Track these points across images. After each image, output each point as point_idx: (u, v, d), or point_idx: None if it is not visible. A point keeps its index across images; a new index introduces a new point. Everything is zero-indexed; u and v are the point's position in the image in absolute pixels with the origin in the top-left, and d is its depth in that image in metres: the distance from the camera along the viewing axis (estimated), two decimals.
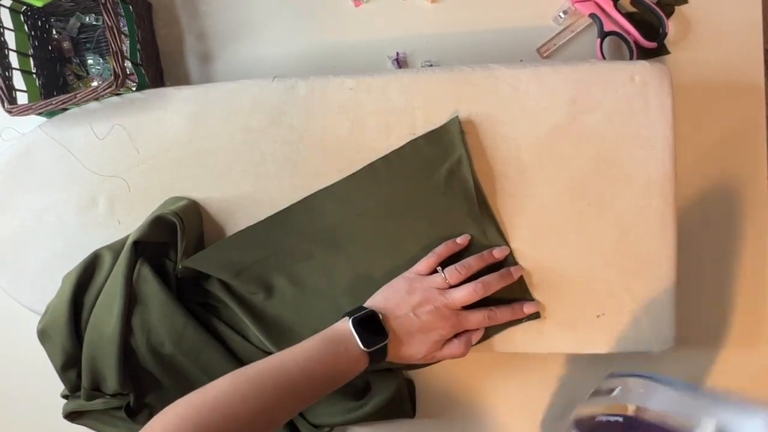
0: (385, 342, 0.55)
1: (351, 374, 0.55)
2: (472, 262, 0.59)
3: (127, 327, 0.62)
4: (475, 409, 0.70)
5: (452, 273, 0.58)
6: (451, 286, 0.58)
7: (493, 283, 0.59)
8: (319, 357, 0.53)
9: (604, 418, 0.55)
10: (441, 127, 0.61)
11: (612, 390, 0.57)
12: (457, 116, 0.61)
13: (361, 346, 0.54)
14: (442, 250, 0.60)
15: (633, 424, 0.53)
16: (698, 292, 0.68)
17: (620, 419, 0.54)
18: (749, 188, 0.68)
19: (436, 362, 0.61)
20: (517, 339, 0.62)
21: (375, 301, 0.59)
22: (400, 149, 0.62)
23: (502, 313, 0.59)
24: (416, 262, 0.61)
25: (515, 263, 0.61)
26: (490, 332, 0.62)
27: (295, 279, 0.63)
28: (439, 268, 0.59)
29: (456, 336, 0.59)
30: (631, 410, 0.53)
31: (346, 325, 0.55)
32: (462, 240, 0.61)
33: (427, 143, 0.62)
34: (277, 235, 0.64)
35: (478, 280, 0.58)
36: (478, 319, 0.58)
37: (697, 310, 0.68)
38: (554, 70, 0.61)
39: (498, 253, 0.60)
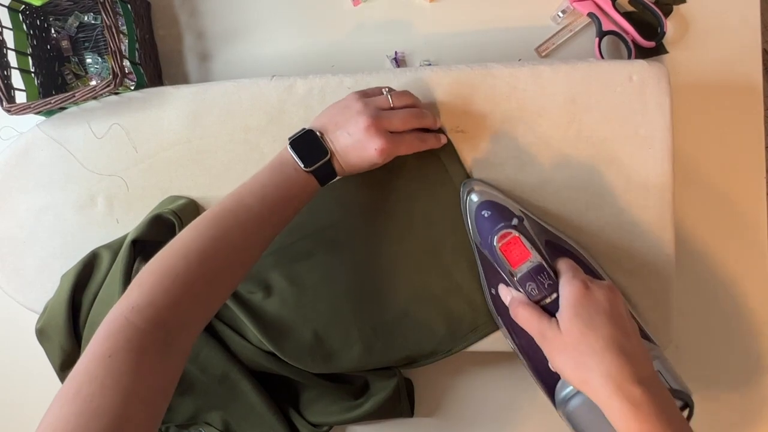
0: (326, 158, 0.54)
1: (304, 196, 0.55)
2: (414, 98, 0.59)
3: None
4: (473, 408, 0.70)
5: (396, 95, 0.58)
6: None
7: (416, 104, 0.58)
8: (273, 184, 0.54)
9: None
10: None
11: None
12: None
13: (303, 167, 0.54)
14: (381, 88, 0.59)
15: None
16: (697, 292, 0.68)
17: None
18: (748, 187, 0.68)
19: (394, 155, 0.57)
20: None
21: (317, 120, 0.58)
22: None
23: (416, 104, 0.58)
24: (414, 262, 0.62)
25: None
26: (475, 335, 0.62)
27: (293, 278, 0.63)
28: (385, 90, 0.58)
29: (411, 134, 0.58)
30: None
31: (287, 149, 0.55)
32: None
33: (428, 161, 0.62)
34: None
35: None
36: (400, 112, 0.56)
37: (697, 310, 0.68)
38: (553, 69, 0.61)
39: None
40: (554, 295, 0.50)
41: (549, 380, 0.55)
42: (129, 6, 0.69)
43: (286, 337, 0.62)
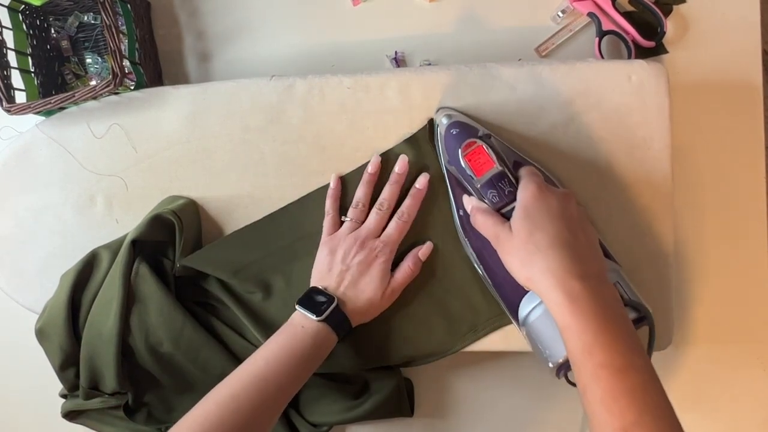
0: (334, 304, 0.56)
1: (321, 351, 0.56)
2: (365, 191, 0.61)
3: (126, 326, 0.62)
4: (473, 408, 0.70)
5: (352, 212, 0.61)
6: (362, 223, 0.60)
7: (406, 205, 0.60)
8: (281, 346, 0.55)
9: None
10: (422, 128, 0.62)
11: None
12: (432, 119, 0.62)
13: (314, 317, 0.55)
14: (330, 204, 0.62)
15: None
16: (698, 292, 0.68)
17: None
18: (747, 188, 0.68)
19: (399, 293, 0.60)
20: (514, 338, 0.62)
21: (313, 282, 0.60)
22: (393, 149, 0.62)
23: (406, 206, 0.60)
24: None
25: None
26: (476, 335, 0.62)
27: (293, 278, 0.63)
28: (343, 217, 0.61)
29: (401, 262, 0.60)
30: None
31: (297, 310, 0.57)
32: (372, 169, 0.61)
33: (413, 145, 0.62)
34: (275, 235, 0.64)
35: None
36: (393, 227, 0.59)
37: (697, 310, 0.68)
38: (552, 69, 0.61)
39: (399, 168, 0.61)
40: (515, 203, 0.52)
41: (513, 301, 0.56)
42: (129, 6, 0.69)
43: None
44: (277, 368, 0.53)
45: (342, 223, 0.61)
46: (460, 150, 0.55)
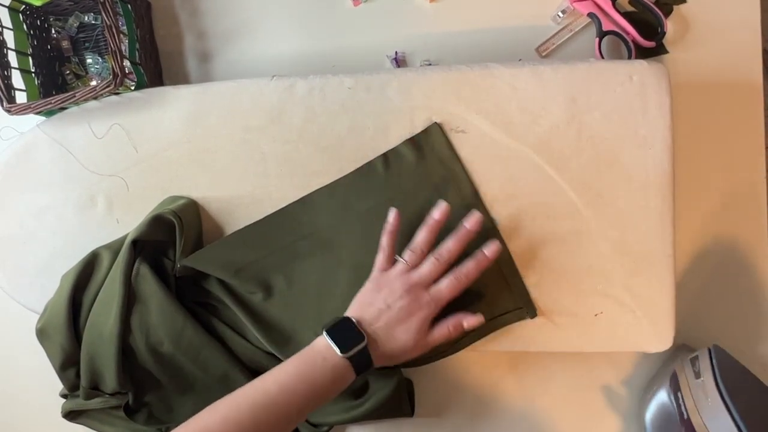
0: (364, 343, 0.54)
1: (336, 386, 0.54)
2: (427, 237, 0.58)
3: (126, 326, 0.62)
4: (473, 407, 0.70)
5: (409, 255, 0.57)
6: (415, 268, 0.57)
7: (467, 268, 0.57)
8: (297, 372, 0.53)
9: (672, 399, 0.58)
10: (424, 130, 0.62)
11: (699, 374, 0.57)
12: (436, 123, 0.62)
13: (338, 351, 0.53)
14: (386, 240, 0.59)
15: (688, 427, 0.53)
16: (698, 292, 0.68)
17: (684, 415, 0.55)
18: (747, 187, 0.68)
19: (430, 349, 0.58)
20: (515, 337, 0.62)
21: (349, 311, 0.58)
22: (396, 149, 0.62)
23: (467, 268, 0.57)
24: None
25: (498, 238, 0.59)
26: (476, 334, 0.62)
27: (293, 279, 0.63)
28: (397, 257, 0.58)
29: (444, 319, 0.57)
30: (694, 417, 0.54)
31: (322, 336, 0.55)
32: (439, 215, 0.58)
33: (417, 145, 0.62)
34: (275, 235, 0.64)
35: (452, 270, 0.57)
36: (447, 285, 0.56)
37: (697, 310, 0.68)
38: (553, 69, 0.61)
39: (471, 224, 0.57)
40: None
41: None
42: (129, 6, 0.69)
43: (288, 338, 0.62)
44: (289, 395, 0.51)
45: (395, 261, 0.58)
46: None
